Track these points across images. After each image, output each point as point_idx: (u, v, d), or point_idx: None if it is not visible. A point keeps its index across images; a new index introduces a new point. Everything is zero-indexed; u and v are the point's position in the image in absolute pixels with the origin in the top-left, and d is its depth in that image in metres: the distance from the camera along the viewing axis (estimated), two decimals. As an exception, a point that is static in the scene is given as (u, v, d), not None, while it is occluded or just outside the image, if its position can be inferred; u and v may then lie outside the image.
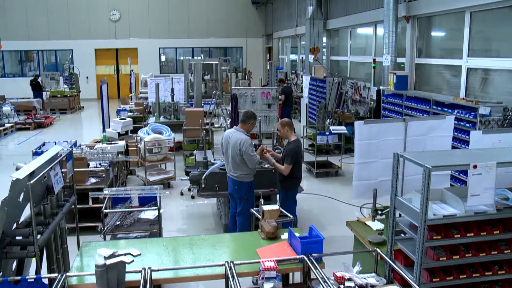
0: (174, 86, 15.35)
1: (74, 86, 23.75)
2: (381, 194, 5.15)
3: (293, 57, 23.95)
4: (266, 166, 7.13)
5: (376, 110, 11.26)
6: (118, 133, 9.66)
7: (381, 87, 11.19)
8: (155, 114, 12.92)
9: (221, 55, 27.24)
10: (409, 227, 3.83)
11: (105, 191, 5.63)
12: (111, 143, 8.43)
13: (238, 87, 10.92)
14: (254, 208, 5.41)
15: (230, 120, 10.37)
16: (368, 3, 13.19)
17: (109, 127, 10.40)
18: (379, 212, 4.71)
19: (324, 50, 17.19)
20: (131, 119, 9.92)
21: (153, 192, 5.67)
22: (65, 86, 23.80)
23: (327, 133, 10.28)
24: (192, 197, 8.85)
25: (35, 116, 18.24)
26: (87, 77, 27.30)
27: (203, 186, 6.78)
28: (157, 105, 12.91)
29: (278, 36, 25.31)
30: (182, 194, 9.08)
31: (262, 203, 5.16)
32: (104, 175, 7.37)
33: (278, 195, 6.72)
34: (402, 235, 4.20)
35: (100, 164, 7.67)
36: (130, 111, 15.16)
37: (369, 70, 13.97)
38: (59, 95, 21.80)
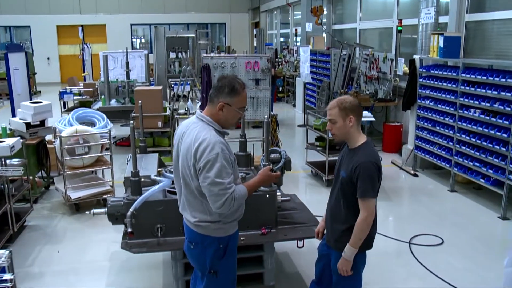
0: (135, 63, 12.02)
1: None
2: None
3: (284, 32, 20.56)
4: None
5: (409, 89, 7.96)
6: (28, 123, 6.29)
7: (415, 56, 7.89)
8: (102, 96, 9.54)
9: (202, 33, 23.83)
10: None
11: None
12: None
13: (212, 55, 7.55)
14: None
15: (200, 103, 7.04)
16: None
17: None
18: None
19: (324, 18, 13.85)
20: (49, 102, 6.55)
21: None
22: (18, 67, 20.25)
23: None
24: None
25: (-33, 103, 14.75)
26: (48, 58, 23.84)
27: (129, 230, 3.45)
28: (106, 84, 9.51)
29: (266, 9, 21.84)
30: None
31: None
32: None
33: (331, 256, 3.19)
34: None
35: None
36: (78, 94, 11.78)
37: (388, 39, 10.67)
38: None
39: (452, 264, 4.77)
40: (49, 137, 6.96)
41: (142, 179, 3.83)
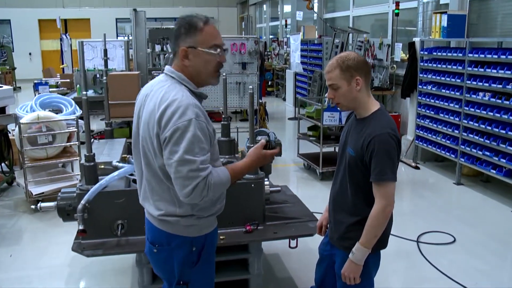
0: (116, 53, 11.34)
1: (6, 62, 19.35)
2: None
3: (273, 26, 19.95)
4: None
5: (409, 75, 7.35)
6: (-16, 111, 5.61)
7: (415, 39, 7.29)
8: (78, 86, 8.84)
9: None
10: None
11: None
12: None
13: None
14: None
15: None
16: None
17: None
18: None
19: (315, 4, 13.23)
20: (10, 87, 5.83)
21: None
22: (-4, 63, 19.48)
23: (338, 108, 6.35)
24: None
25: None
26: (30, 53, 23.00)
27: (80, 227, 2.78)
28: (82, 73, 8.80)
29: (255, 2, 21.20)
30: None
31: None
32: None
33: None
34: None
35: None
36: (55, 86, 11.14)
37: (382, 26, 10.09)
38: (-18, 74, 17.43)
39: (465, 264, 4.16)
40: (13, 127, 6.28)
41: (102, 166, 3.17)
